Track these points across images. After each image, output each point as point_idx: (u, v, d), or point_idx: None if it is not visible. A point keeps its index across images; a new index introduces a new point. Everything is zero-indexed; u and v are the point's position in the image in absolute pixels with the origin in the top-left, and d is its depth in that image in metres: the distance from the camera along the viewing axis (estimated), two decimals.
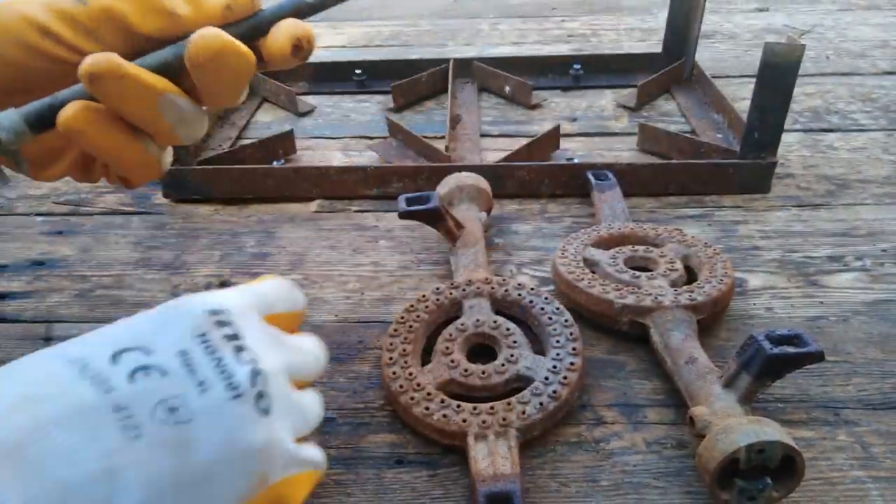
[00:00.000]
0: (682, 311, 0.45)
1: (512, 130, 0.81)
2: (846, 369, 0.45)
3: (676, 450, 0.40)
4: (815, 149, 0.74)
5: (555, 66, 0.93)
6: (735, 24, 1.17)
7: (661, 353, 0.44)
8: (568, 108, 0.86)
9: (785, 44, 0.57)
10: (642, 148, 0.75)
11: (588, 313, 0.48)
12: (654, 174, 0.65)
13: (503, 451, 0.37)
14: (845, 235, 0.59)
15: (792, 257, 0.57)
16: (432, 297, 0.48)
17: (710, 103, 0.83)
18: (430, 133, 0.77)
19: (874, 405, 0.42)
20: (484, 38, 1.14)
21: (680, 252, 0.53)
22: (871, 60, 0.98)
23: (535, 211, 0.64)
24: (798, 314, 0.50)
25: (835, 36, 1.09)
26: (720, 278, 0.48)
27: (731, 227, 0.61)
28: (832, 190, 0.66)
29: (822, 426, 0.41)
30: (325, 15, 0.36)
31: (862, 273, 0.54)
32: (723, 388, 0.39)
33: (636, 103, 0.84)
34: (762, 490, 0.34)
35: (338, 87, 0.91)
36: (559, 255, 0.52)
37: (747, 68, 0.97)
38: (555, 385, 0.40)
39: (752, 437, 0.33)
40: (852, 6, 1.23)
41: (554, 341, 0.44)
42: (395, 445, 0.41)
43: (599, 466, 0.39)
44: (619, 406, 0.43)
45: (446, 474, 0.39)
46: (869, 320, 0.49)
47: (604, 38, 1.13)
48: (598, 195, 0.62)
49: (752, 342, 0.37)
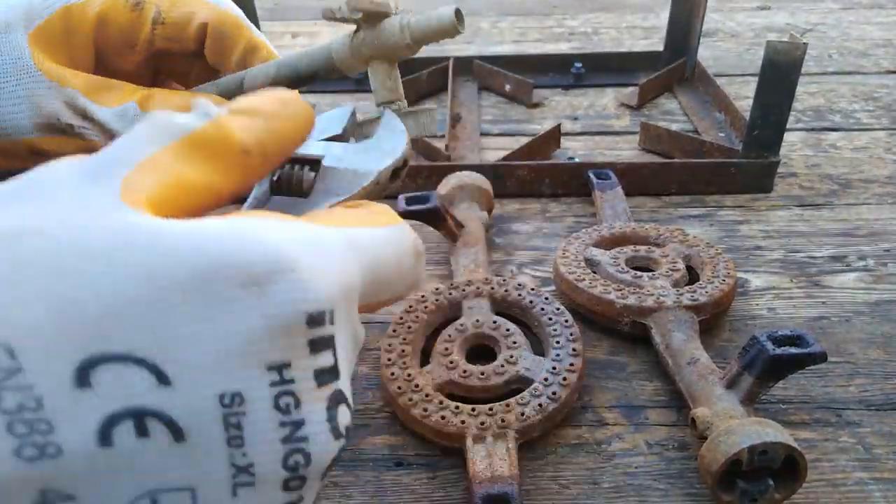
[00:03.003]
0: (683, 311, 0.45)
1: (512, 129, 0.80)
2: (848, 370, 0.45)
3: (678, 451, 0.40)
4: (817, 148, 0.74)
5: (556, 64, 0.93)
6: (737, 22, 1.17)
7: (663, 354, 0.44)
8: (569, 106, 0.86)
9: (787, 42, 0.57)
10: (644, 147, 0.75)
11: (589, 314, 0.48)
12: (656, 173, 0.65)
13: (501, 452, 0.37)
14: (848, 235, 0.59)
15: (794, 257, 0.56)
16: (432, 297, 0.47)
17: (712, 102, 0.82)
18: (433, 132, 0.76)
19: (877, 406, 0.42)
20: (484, 36, 1.14)
21: (682, 252, 0.52)
22: (874, 59, 0.98)
23: (536, 210, 0.64)
24: (800, 314, 0.50)
25: (837, 35, 1.08)
26: (722, 278, 0.48)
27: (733, 227, 0.61)
28: (835, 189, 0.66)
29: (825, 427, 0.41)
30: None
31: (864, 273, 0.54)
32: (725, 389, 0.38)
33: (638, 102, 0.84)
34: (764, 492, 0.34)
35: (337, 85, 0.91)
36: (560, 255, 0.52)
37: (749, 67, 0.96)
38: (554, 386, 0.40)
39: (754, 439, 0.33)
40: (855, 5, 1.22)
41: (554, 342, 0.43)
42: (394, 447, 0.40)
43: (601, 468, 0.39)
44: (621, 407, 0.43)
45: (446, 476, 0.39)
46: (871, 321, 0.49)
47: (605, 37, 1.12)
48: (599, 195, 0.61)
49: (754, 343, 0.37)
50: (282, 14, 1.30)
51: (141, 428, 0.12)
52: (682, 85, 0.88)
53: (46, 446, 0.11)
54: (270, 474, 0.13)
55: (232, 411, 0.13)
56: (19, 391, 0.11)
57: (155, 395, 0.12)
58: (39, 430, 0.12)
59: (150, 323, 0.12)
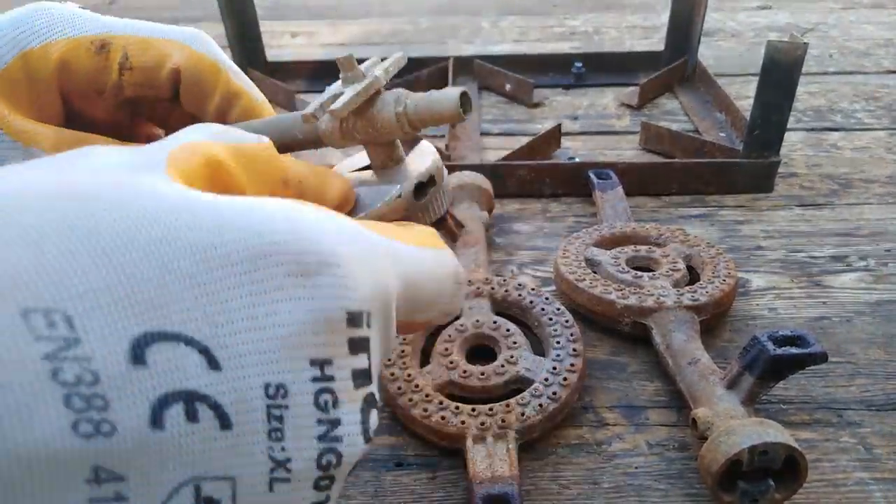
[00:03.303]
0: (684, 311, 0.45)
1: (513, 129, 0.80)
2: (849, 370, 0.45)
3: (679, 451, 0.39)
4: (818, 148, 0.74)
5: (556, 64, 0.93)
6: (738, 22, 1.17)
7: (664, 354, 0.43)
8: (569, 106, 0.86)
9: (788, 42, 0.57)
10: (644, 147, 0.75)
11: (589, 314, 0.48)
12: (657, 173, 0.65)
13: (501, 452, 0.37)
14: (849, 235, 0.59)
15: (795, 257, 0.56)
16: None
17: (713, 102, 0.82)
18: (430, 132, 0.77)
19: (877, 406, 0.42)
20: (485, 35, 1.14)
21: (682, 252, 0.52)
22: (875, 59, 0.98)
23: (537, 210, 0.64)
24: (801, 315, 0.50)
25: (838, 34, 1.08)
26: (723, 278, 0.48)
27: (734, 227, 0.60)
28: (835, 189, 0.66)
29: (825, 427, 0.41)
30: (324, 12, 0.35)
31: (865, 273, 0.54)
32: (725, 389, 0.38)
33: (638, 102, 0.83)
34: (765, 492, 0.34)
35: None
36: (561, 255, 0.52)
37: (750, 66, 0.96)
38: (555, 386, 0.40)
39: (754, 439, 0.33)
40: (856, 4, 1.22)
41: (554, 342, 0.43)
42: (394, 447, 0.40)
43: (601, 468, 0.39)
44: (621, 408, 0.43)
45: (446, 476, 0.39)
46: (872, 321, 0.49)
47: (606, 36, 1.12)
48: (599, 194, 0.61)
49: (754, 343, 0.37)
50: (281, 14, 1.30)
51: (191, 412, 0.12)
52: (682, 85, 0.88)
53: (101, 423, 0.11)
54: (305, 471, 0.13)
55: (276, 403, 0.13)
56: (77, 363, 0.11)
57: (205, 379, 0.12)
58: (96, 406, 0.11)
59: (203, 303, 0.12)
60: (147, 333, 0.12)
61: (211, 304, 0.12)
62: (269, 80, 0.87)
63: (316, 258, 0.13)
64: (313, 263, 0.13)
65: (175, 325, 0.12)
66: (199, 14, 1.30)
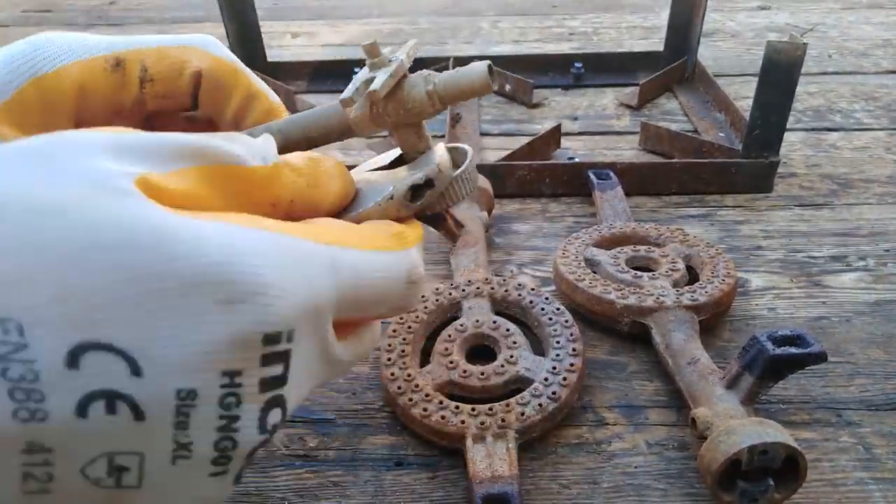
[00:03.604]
0: (683, 311, 0.45)
1: (512, 129, 0.80)
2: (849, 370, 0.45)
3: (678, 451, 0.39)
4: (817, 148, 0.74)
5: (556, 64, 0.93)
6: (737, 22, 1.17)
7: (663, 354, 0.43)
8: (569, 106, 0.86)
9: (787, 42, 0.57)
10: (644, 147, 0.75)
11: (589, 314, 0.48)
12: (656, 173, 0.65)
13: (501, 452, 0.37)
14: (848, 235, 0.59)
15: (795, 257, 0.56)
16: (432, 297, 0.47)
17: (713, 102, 0.82)
18: (430, 131, 0.77)
19: (877, 406, 0.42)
20: (484, 35, 1.14)
21: (682, 252, 0.52)
22: (874, 59, 0.98)
23: (536, 210, 0.64)
24: (801, 314, 0.50)
25: (837, 35, 1.08)
26: (722, 278, 0.48)
27: (734, 227, 0.60)
28: (835, 189, 0.66)
29: (825, 427, 0.41)
30: (325, 12, 0.35)
31: (865, 273, 0.54)
32: (725, 389, 0.38)
33: (638, 102, 0.84)
34: (764, 492, 0.34)
35: (337, 85, 0.91)
36: (560, 255, 0.52)
37: (749, 67, 0.96)
38: (554, 386, 0.40)
39: (754, 439, 0.33)
40: (855, 5, 1.22)
41: (554, 342, 0.43)
42: (394, 447, 0.40)
43: (601, 468, 0.39)
44: (621, 407, 0.43)
45: (446, 476, 0.39)
46: (872, 321, 0.49)
47: (605, 37, 1.12)
48: (599, 195, 0.61)
49: (754, 343, 0.37)
50: (281, 14, 1.30)
51: (111, 406, 0.15)
52: (682, 85, 0.88)
53: (37, 412, 0.14)
54: (203, 452, 0.16)
55: (185, 403, 0.15)
56: (23, 364, 0.14)
57: (127, 382, 0.15)
58: (34, 398, 0.14)
59: (136, 320, 0.15)
60: (83, 342, 0.14)
61: (142, 320, 0.15)
62: (269, 81, 0.87)
63: (241, 288, 0.15)
64: (238, 293, 0.15)
65: (108, 337, 0.14)
66: (200, 14, 1.29)
